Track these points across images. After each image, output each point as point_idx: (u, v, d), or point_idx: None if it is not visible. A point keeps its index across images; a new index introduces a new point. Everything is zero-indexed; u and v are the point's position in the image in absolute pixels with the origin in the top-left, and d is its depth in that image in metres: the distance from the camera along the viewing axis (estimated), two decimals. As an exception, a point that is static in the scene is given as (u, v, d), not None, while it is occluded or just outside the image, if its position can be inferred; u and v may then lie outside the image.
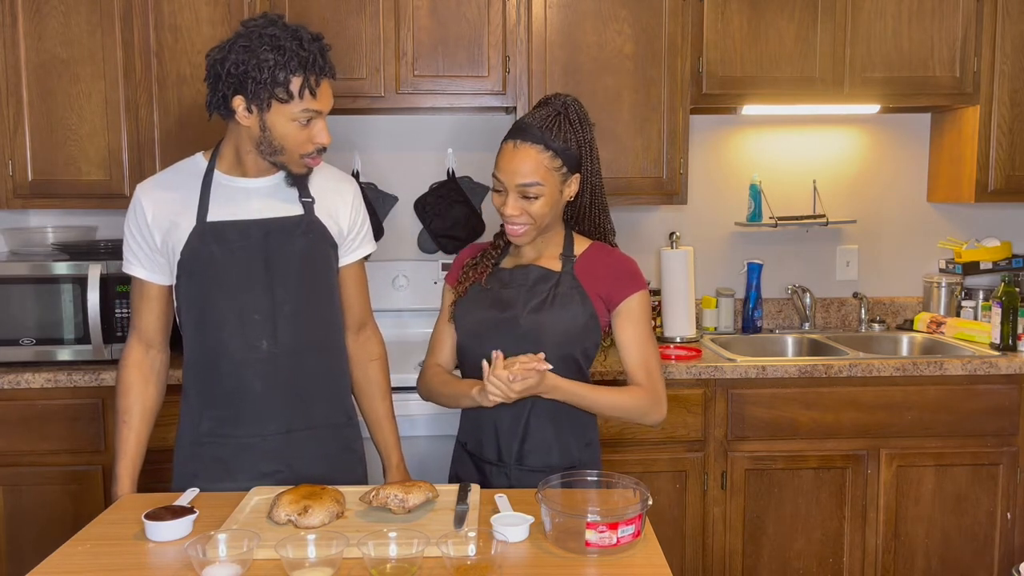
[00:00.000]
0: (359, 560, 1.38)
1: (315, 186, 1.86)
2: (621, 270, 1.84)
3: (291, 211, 1.82)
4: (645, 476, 2.63)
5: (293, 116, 1.70)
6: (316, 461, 1.85)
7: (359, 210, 1.92)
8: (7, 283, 2.69)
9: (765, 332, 3.29)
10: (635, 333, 1.81)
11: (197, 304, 1.80)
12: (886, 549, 2.80)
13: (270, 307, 1.78)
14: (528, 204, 1.75)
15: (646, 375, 1.81)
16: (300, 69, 1.67)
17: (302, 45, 1.68)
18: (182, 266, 1.78)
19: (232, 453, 1.82)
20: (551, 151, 1.74)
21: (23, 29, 2.78)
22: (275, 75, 1.66)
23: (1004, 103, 3.00)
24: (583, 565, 1.42)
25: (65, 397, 2.64)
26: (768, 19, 2.94)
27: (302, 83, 1.68)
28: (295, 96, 1.68)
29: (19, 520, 2.66)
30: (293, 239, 1.80)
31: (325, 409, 1.88)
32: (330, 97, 1.76)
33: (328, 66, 1.72)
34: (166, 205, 1.80)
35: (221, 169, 1.82)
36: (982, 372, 2.76)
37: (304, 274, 1.82)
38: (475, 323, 1.83)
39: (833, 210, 3.34)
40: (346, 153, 3.21)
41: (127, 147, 2.83)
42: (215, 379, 1.81)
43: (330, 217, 1.85)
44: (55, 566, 1.44)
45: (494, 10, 2.86)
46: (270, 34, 1.67)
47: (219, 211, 1.79)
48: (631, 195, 2.97)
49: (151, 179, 1.87)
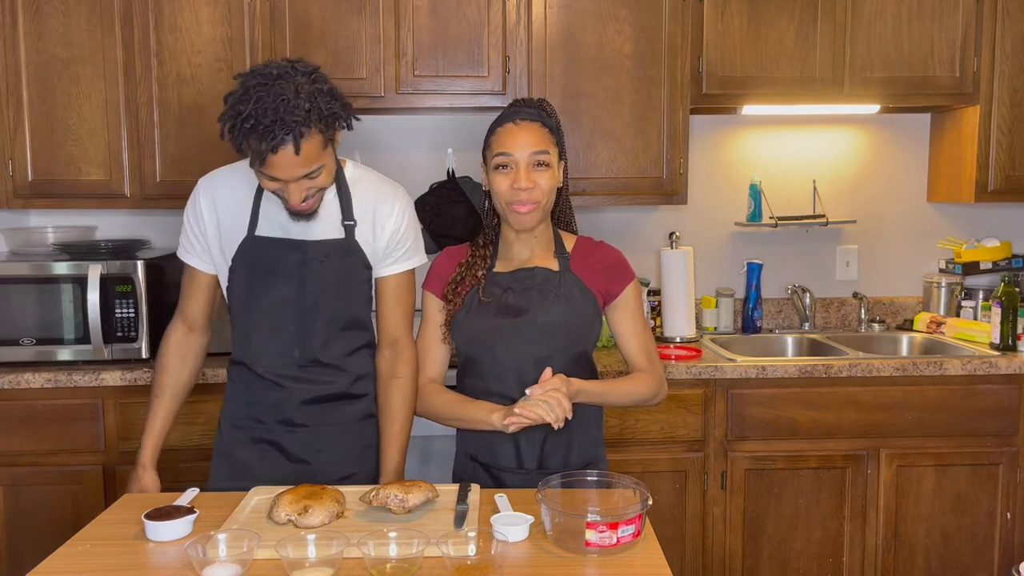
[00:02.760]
0: (359, 560, 1.38)
1: (361, 205, 1.86)
2: (613, 263, 1.89)
3: (332, 234, 1.85)
4: (645, 476, 2.63)
5: (258, 173, 1.70)
6: (341, 454, 1.91)
7: (403, 224, 1.89)
8: (7, 283, 2.69)
9: (765, 332, 3.29)
10: (633, 322, 1.89)
11: (240, 306, 1.88)
12: (886, 549, 2.80)
13: (303, 321, 1.85)
14: (539, 176, 1.77)
15: (648, 360, 1.89)
16: (252, 135, 1.62)
17: (264, 112, 1.60)
18: (232, 270, 1.87)
19: (260, 441, 1.90)
20: (548, 128, 1.81)
21: (23, 29, 2.78)
22: (235, 133, 1.64)
23: (1004, 103, 3.00)
24: (583, 565, 1.42)
25: (65, 397, 2.64)
26: (768, 19, 2.94)
27: (255, 149, 1.64)
28: (252, 157, 1.66)
29: (19, 520, 2.66)
30: (330, 261, 1.85)
31: (351, 408, 1.92)
32: (293, 168, 1.66)
33: (282, 139, 1.60)
34: (222, 204, 1.87)
35: None
36: (982, 372, 2.76)
37: (338, 293, 1.86)
38: (483, 331, 1.82)
39: (833, 210, 3.34)
40: (346, 153, 3.18)
41: (127, 147, 2.83)
42: (250, 375, 1.90)
43: (371, 236, 1.87)
44: (55, 566, 1.44)
45: (494, 10, 2.86)
46: (246, 90, 1.64)
47: (267, 225, 1.85)
48: (631, 195, 2.97)
49: (214, 174, 1.91)
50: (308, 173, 1.69)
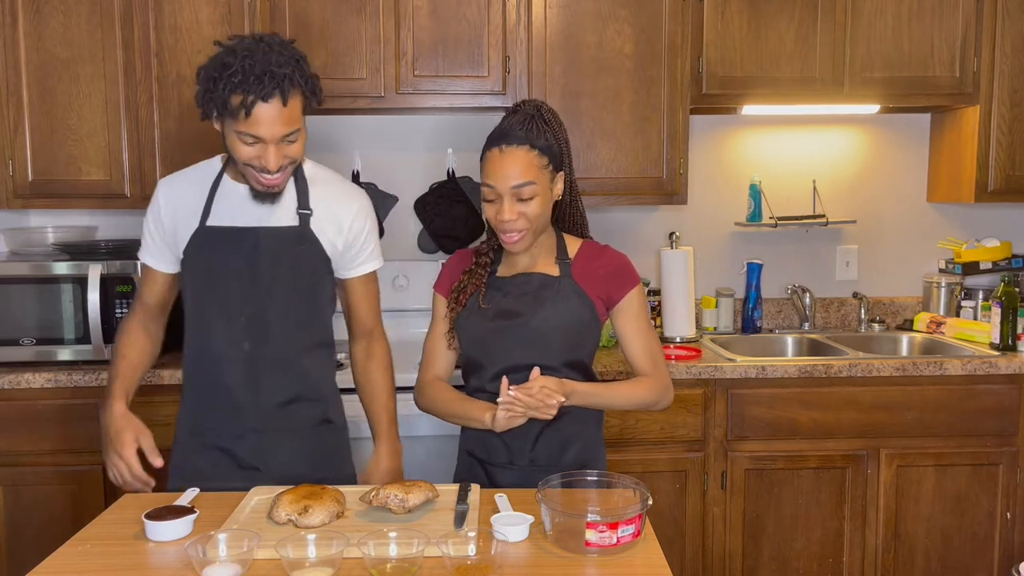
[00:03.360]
0: (359, 560, 1.38)
1: (318, 199, 1.87)
2: (616, 268, 1.87)
3: (286, 221, 1.85)
4: (645, 476, 2.63)
5: (237, 134, 1.71)
6: (294, 461, 1.88)
7: (363, 225, 1.91)
8: (7, 283, 2.69)
9: (765, 332, 3.29)
10: (637, 327, 1.86)
11: (192, 301, 1.88)
12: (886, 549, 2.80)
13: (254, 311, 1.83)
14: (524, 206, 1.75)
15: (652, 365, 1.87)
16: (239, 87, 1.66)
17: (252, 65, 1.65)
18: (184, 264, 1.88)
19: (212, 448, 1.88)
20: (536, 149, 1.75)
21: (23, 29, 2.78)
22: (219, 88, 1.67)
23: (1004, 103, 3.00)
24: (583, 565, 1.42)
25: (65, 397, 2.64)
26: (768, 19, 2.94)
27: (239, 101, 1.66)
28: (233, 113, 1.68)
29: (19, 520, 2.66)
30: (284, 248, 1.84)
31: (304, 411, 1.90)
32: (275, 125, 1.69)
33: (270, 90, 1.65)
34: (179, 202, 1.88)
35: (230, 174, 1.88)
36: (982, 372, 2.76)
37: (291, 282, 1.85)
38: (481, 333, 1.84)
39: (833, 210, 3.34)
40: (346, 153, 3.21)
41: (127, 147, 2.83)
42: (201, 374, 1.88)
43: (328, 231, 1.87)
44: (55, 566, 1.44)
45: (494, 10, 2.86)
46: (232, 49, 1.69)
47: (219, 215, 1.85)
48: (631, 195, 2.97)
49: (173, 175, 1.95)
50: (287, 135, 1.71)
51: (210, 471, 1.87)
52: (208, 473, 1.86)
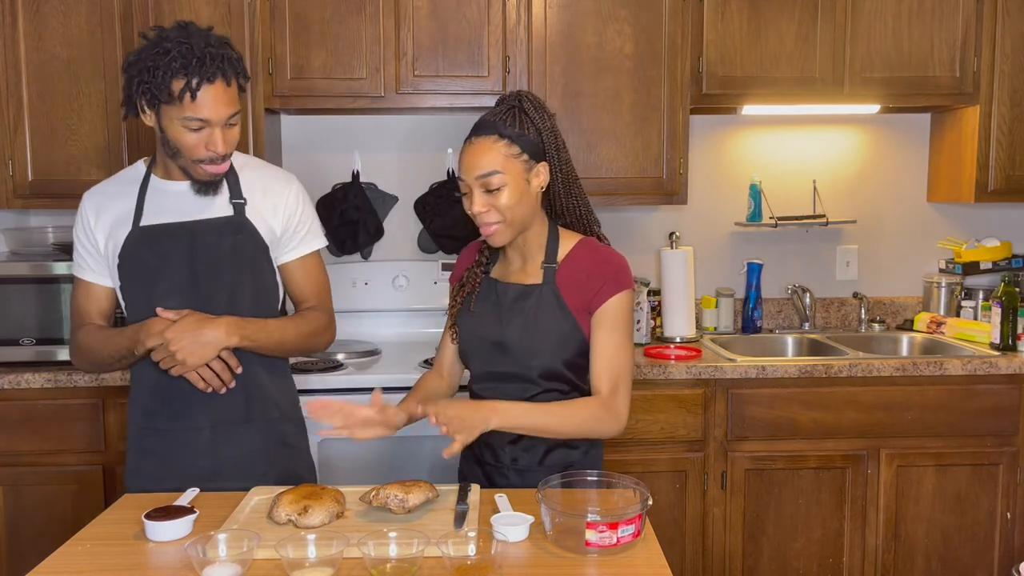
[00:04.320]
0: (359, 560, 1.38)
1: (250, 187, 1.87)
2: (602, 272, 1.76)
3: (221, 212, 1.84)
4: (645, 476, 2.63)
5: (181, 121, 1.71)
6: (251, 455, 1.87)
7: (298, 208, 1.90)
8: (7, 283, 2.69)
9: (765, 332, 3.29)
10: (607, 339, 1.74)
11: (134, 304, 1.85)
12: (886, 549, 2.80)
13: (198, 306, 1.79)
14: (493, 198, 1.71)
15: (610, 386, 1.73)
16: (181, 71, 1.67)
17: (191, 48, 1.67)
18: (120, 269, 1.84)
19: (168, 447, 1.86)
20: (506, 138, 1.70)
21: (23, 29, 2.78)
22: (157, 75, 1.67)
23: (1004, 103, 3.00)
24: (583, 565, 1.42)
25: (65, 397, 2.64)
26: (768, 19, 2.95)
27: (183, 85, 1.67)
28: (176, 98, 1.68)
29: (19, 520, 2.66)
30: (221, 239, 1.82)
31: (258, 404, 1.88)
32: (220, 106, 1.70)
33: (214, 71, 1.68)
34: (107, 211, 1.87)
35: (157, 174, 1.87)
36: (982, 372, 2.76)
37: (232, 273, 1.84)
38: (467, 336, 1.85)
39: (833, 210, 3.34)
40: (346, 153, 3.21)
41: (127, 147, 2.83)
42: (149, 375, 1.84)
43: (263, 218, 1.86)
44: (55, 566, 1.44)
45: (494, 10, 2.86)
46: (165, 37, 1.71)
47: (152, 215, 1.84)
48: (631, 195, 2.97)
49: (96, 187, 1.94)
50: (230, 117, 1.73)
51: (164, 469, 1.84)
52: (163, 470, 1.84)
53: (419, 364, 2.74)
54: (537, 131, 1.74)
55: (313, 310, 1.94)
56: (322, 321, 1.93)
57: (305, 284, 1.94)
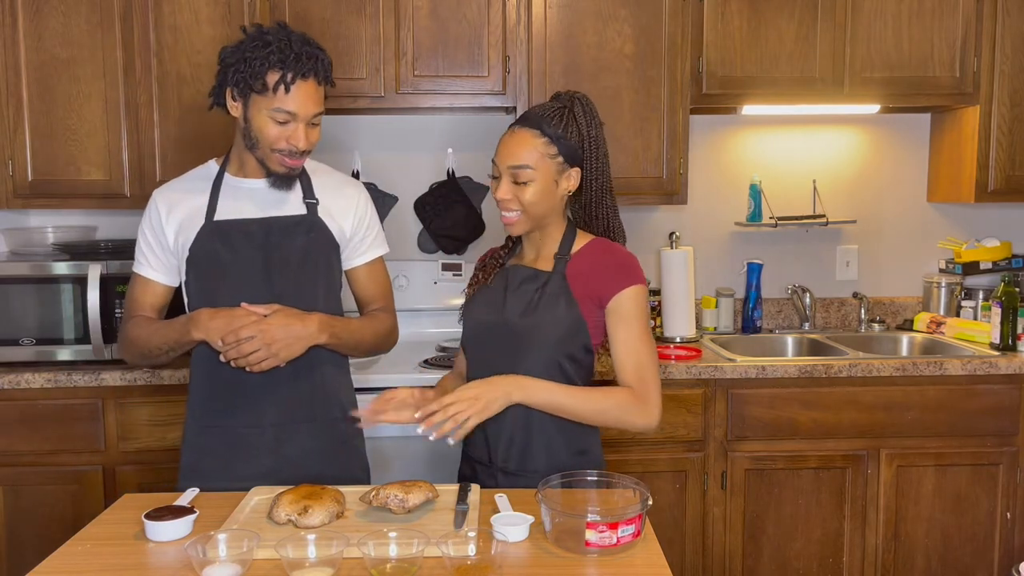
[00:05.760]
0: (359, 560, 1.38)
1: (321, 189, 1.92)
2: (613, 265, 1.76)
3: (294, 211, 1.88)
4: (645, 476, 2.63)
5: (269, 112, 1.75)
6: (311, 454, 1.89)
7: (366, 213, 1.96)
8: (7, 283, 2.69)
9: (765, 332, 3.29)
10: (626, 332, 1.73)
11: (203, 298, 1.86)
12: (886, 549, 2.80)
13: (270, 301, 1.80)
14: (519, 190, 1.73)
15: (636, 378, 1.72)
16: (278, 64, 1.72)
17: (289, 44, 1.73)
18: (190, 262, 1.86)
19: (230, 444, 1.87)
20: (546, 137, 1.72)
21: (23, 29, 2.78)
22: (254, 66, 1.72)
23: (1004, 103, 3.00)
24: (583, 565, 1.42)
25: (65, 397, 2.64)
26: (768, 19, 2.95)
27: (278, 78, 1.73)
28: (269, 89, 1.73)
29: (19, 520, 2.66)
30: (294, 237, 1.86)
31: (321, 404, 1.90)
32: (309, 103, 1.77)
33: (308, 68, 1.74)
34: (179, 207, 1.88)
35: (230, 172, 1.90)
36: (982, 372, 2.76)
37: (304, 271, 1.87)
38: (473, 326, 1.85)
39: (833, 210, 3.34)
40: (346, 153, 3.21)
41: (127, 147, 2.83)
42: (216, 370, 1.84)
43: (334, 219, 1.91)
44: (55, 566, 1.44)
45: (494, 10, 2.86)
46: (266, 32, 1.77)
47: (226, 211, 1.86)
48: (631, 195, 2.97)
49: (167, 184, 1.96)
50: (314, 116, 1.79)
51: (223, 468, 1.85)
52: (221, 469, 1.85)
53: (419, 364, 2.74)
54: (580, 136, 1.76)
55: (382, 311, 1.99)
56: (391, 323, 2.00)
57: (374, 287, 2.00)
